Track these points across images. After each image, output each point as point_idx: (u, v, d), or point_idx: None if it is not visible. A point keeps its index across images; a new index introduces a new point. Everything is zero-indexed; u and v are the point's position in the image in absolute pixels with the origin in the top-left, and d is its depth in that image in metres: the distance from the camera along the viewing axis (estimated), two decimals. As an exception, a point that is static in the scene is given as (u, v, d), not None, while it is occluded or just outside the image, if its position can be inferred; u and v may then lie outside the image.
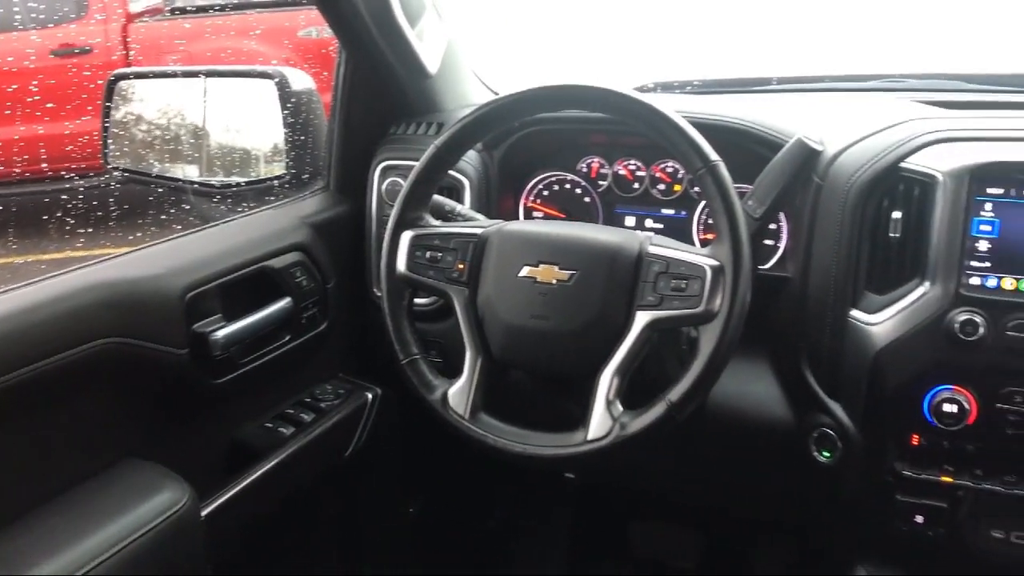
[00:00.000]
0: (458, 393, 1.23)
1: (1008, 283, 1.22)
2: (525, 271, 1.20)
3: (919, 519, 1.31)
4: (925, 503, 1.31)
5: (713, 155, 1.15)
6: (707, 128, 1.22)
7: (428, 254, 1.26)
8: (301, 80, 1.68)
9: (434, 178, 1.30)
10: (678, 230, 1.56)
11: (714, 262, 1.13)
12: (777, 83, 1.79)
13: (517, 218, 1.64)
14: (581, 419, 1.16)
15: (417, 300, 1.46)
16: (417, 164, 1.28)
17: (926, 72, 1.74)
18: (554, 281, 1.19)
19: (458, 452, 1.43)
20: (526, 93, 1.25)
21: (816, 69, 1.87)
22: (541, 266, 1.20)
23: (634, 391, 1.16)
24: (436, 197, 1.40)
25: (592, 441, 1.15)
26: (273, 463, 1.42)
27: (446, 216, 1.42)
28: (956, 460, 1.29)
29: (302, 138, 1.67)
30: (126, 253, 1.34)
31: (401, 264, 1.27)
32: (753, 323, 1.24)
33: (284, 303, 1.45)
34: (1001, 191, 1.22)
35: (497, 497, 2.04)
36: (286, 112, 1.63)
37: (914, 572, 1.41)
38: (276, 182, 1.67)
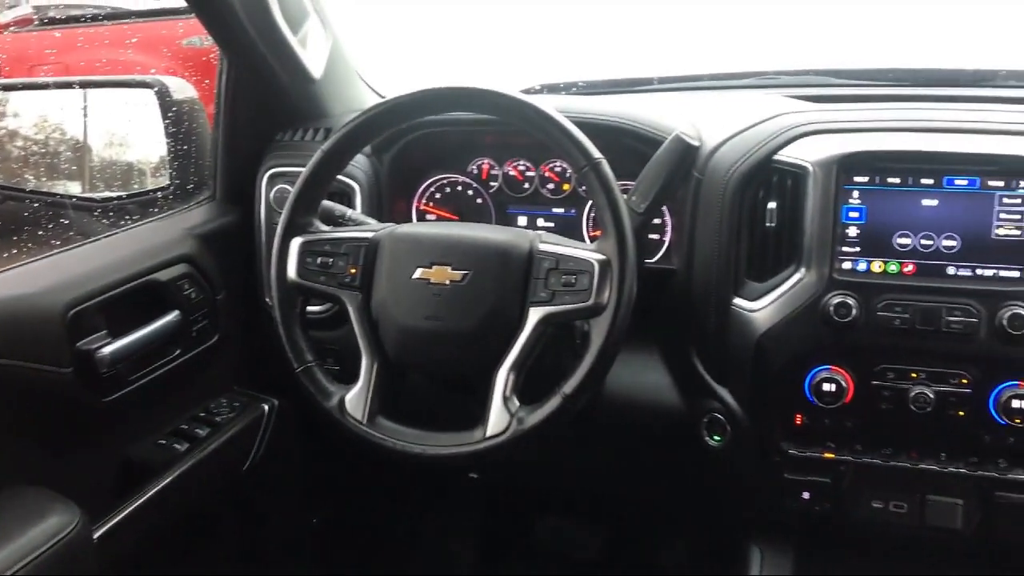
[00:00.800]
0: (355, 398, 1.22)
1: (876, 266, 1.30)
2: (418, 273, 1.21)
3: (806, 495, 1.38)
4: (811, 479, 1.37)
5: (596, 153, 1.18)
6: (590, 127, 1.25)
7: (319, 260, 1.26)
8: (182, 89, 1.65)
9: (322, 183, 1.29)
10: (569, 228, 1.59)
11: (601, 257, 1.16)
12: (658, 83, 1.85)
13: (410, 221, 1.64)
14: (480, 417, 1.17)
15: (311, 308, 1.45)
16: (304, 170, 1.27)
17: (797, 68, 1.82)
18: (447, 282, 1.20)
19: (361, 459, 1.43)
20: (412, 96, 1.25)
21: (695, 68, 1.93)
22: (434, 267, 1.21)
23: (533, 386, 1.18)
24: (326, 202, 1.39)
25: (491, 438, 1.17)
26: (168, 480, 1.38)
27: (336, 221, 1.42)
28: (837, 436, 1.36)
29: (185, 148, 1.63)
30: (2, 272, 1.29)
31: (291, 271, 1.26)
32: (643, 314, 1.28)
33: (172, 316, 1.42)
34: (867, 179, 1.29)
35: (404, 501, 2.03)
36: (167, 122, 1.60)
37: (804, 547, 1.48)
38: (160, 194, 1.63)
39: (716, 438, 1.41)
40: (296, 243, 1.26)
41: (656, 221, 1.52)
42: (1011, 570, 1.40)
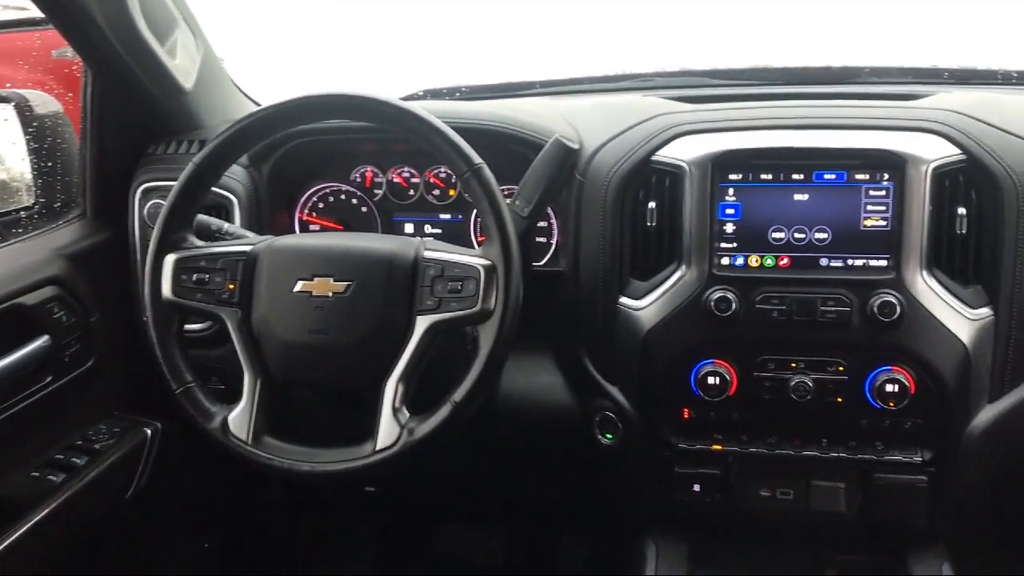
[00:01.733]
0: (239, 418, 1.19)
1: (753, 260, 1.33)
2: (299, 286, 1.18)
3: (696, 488, 1.41)
4: (700, 472, 1.40)
5: (476, 158, 1.18)
6: (471, 132, 1.25)
7: (195, 276, 1.21)
8: (45, 103, 1.57)
9: (196, 197, 1.25)
10: (456, 234, 1.58)
11: (486, 262, 1.16)
12: (540, 86, 1.86)
13: (293, 233, 1.61)
14: (370, 430, 1.15)
15: (192, 326, 1.41)
16: (176, 183, 1.23)
17: (674, 70, 1.86)
18: (330, 294, 1.17)
19: (253, 479, 1.39)
20: (286, 104, 1.22)
21: (576, 72, 1.95)
22: (315, 279, 1.18)
23: (425, 395, 1.17)
24: (201, 217, 1.34)
25: (381, 451, 1.15)
26: (43, 514, 1.31)
27: (213, 236, 1.37)
28: (724, 428, 1.40)
29: (51, 164, 1.55)
30: None
31: (166, 289, 1.21)
32: (534, 317, 1.28)
33: (42, 342, 1.35)
34: (740, 176, 1.33)
35: (300, 519, 1.98)
36: (29, 137, 1.51)
37: (697, 539, 1.50)
38: (24, 213, 1.55)
39: (608, 436, 1.42)
40: (170, 260, 1.22)
41: (542, 224, 1.53)
42: (889, 548, 1.45)
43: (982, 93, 1.48)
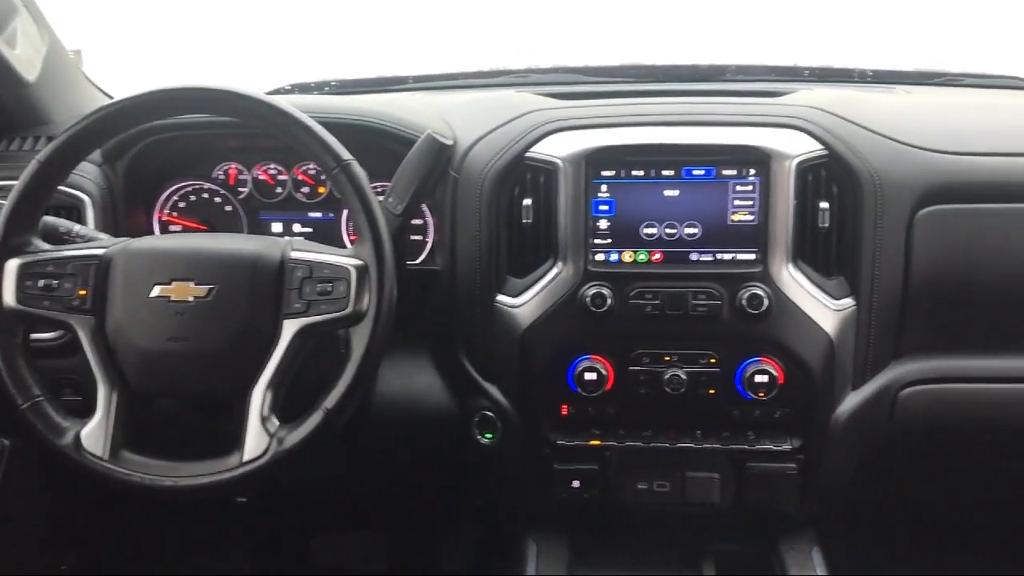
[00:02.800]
0: (93, 433, 1.11)
1: (627, 256, 1.34)
2: (157, 291, 1.12)
3: (576, 484, 1.41)
4: (579, 468, 1.40)
5: (345, 154, 1.14)
6: (340, 127, 1.21)
7: (41, 283, 1.13)
8: None
9: (40, 197, 1.16)
10: (327, 233, 1.53)
11: (358, 262, 1.12)
12: (413, 82, 1.83)
13: (151, 234, 1.52)
14: (237, 441, 1.10)
15: (42, 335, 1.32)
16: (16, 183, 1.14)
17: (547, 67, 1.86)
18: (191, 298, 1.11)
19: (112, 496, 1.31)
20: (140, 97, 1.15)
21: (450, 67, 1.93)
22: (174, 283, 1.12)
23: (296, 403, 1.13)
24: (48, 218, 1.26)
25: (248, 462, 1.10)
26: None
27: (62, 239, 1.28)
28: (601, 424, 1.40)
29: None
30: None
31: (9, 297, 1.13)
32: (411, 318, 1.25)
33: None
34: (613, 173, 1.33)
35: (167, 535, 1.89)
36: None
37: (577, 535, 1.51)
38: None
39: (487, 436, 1.41)
40: (13, 265, 1.13)
41: (418, 222, 1.50)
42: (762, 535, 1.49)
43: (842, 91, 1.54)
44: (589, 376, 1.34)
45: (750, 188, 1.32)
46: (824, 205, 1.32)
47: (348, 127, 1.36)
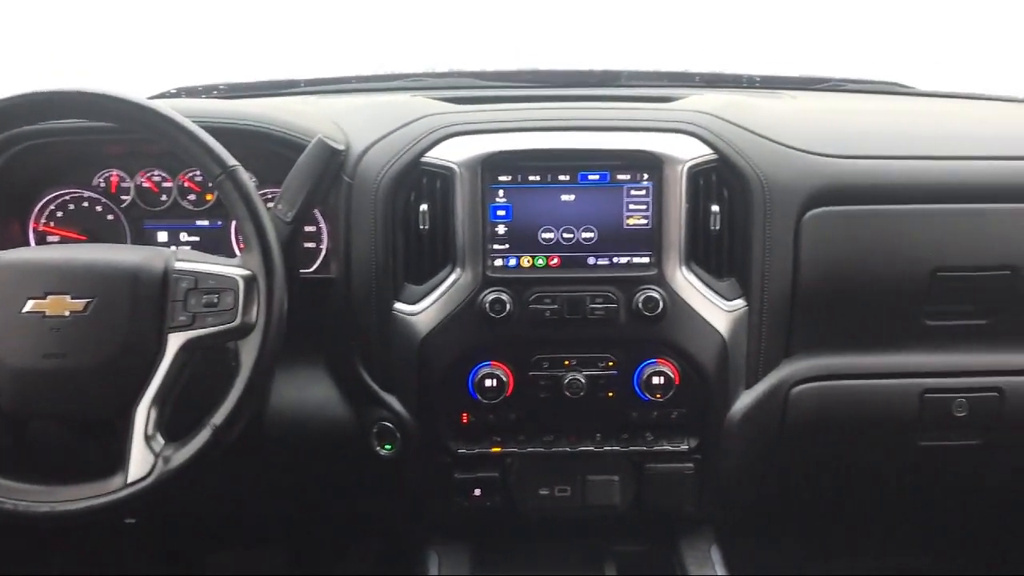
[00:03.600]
0: None
1: (525, 261, 1.34)
2: (30, 305, 1.06)
3: (477, 492, 1.40)
4: (480, 476, 1.40)
5: (230, 160, 1.10)
6: (227, 132, 1.17)
7: None
8: None
9: None
10: (216, 241, 1.48)
11: (245, 272, 1.09)
12: (305, 85, 1.79)
13: (26, 245, 1.44)
14: (120, 461, 1.05)
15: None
16: None
17: (443, 71, 1.85)
18: (67, 313, 1.06)
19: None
20: (7, 101, 1.09)
21: (344, 71, 1.90)
22: (49, 297, 1.07)
23: (183, 419, 1.09)
24: None
25: (133, 483, 1.05)
26: None
27: None
28: (502, 430, 1.39)
29: None
30: None
31: None
32: (304, 328, 1.23)
33: None
34: (510, 178, 1.33)
35: (51, 563, 1.79)
36: None
37: (479, 543, 1.50)
38: None
39: (387, 447, 1.38)
40: None
41: (311, 229, 1.47)
42: (662, 535, 1.51)
43: (731, 96, 1.57)
44: (489, 383, 1.33)
45: (644, 192, 1.33)
46: (715, 208, 1.34)
47: (235, 132, 1.32)
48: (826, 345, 1.42)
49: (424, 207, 1.33)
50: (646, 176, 1.33)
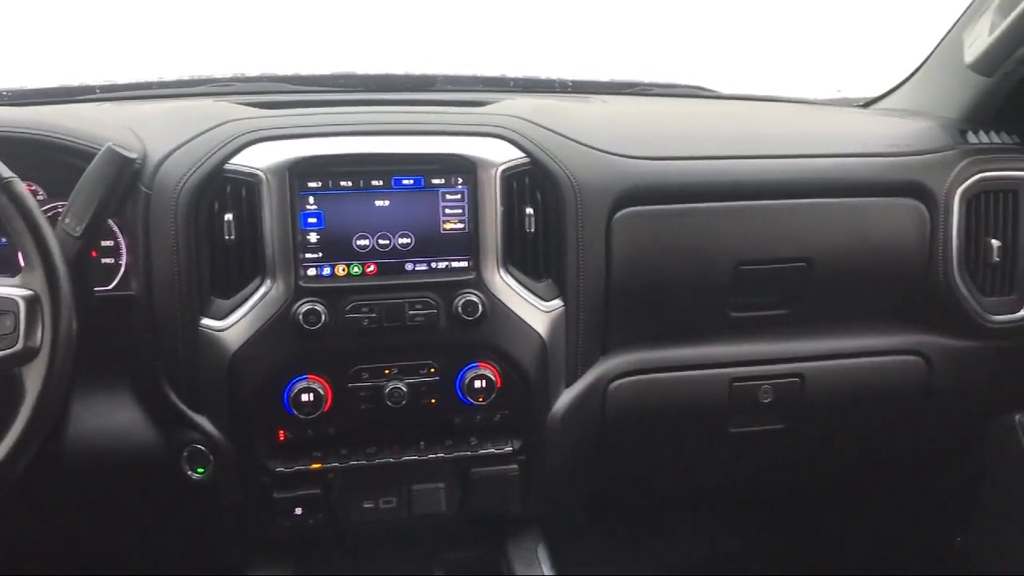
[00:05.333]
0: None
1: (340, 269, 1.30)
2: None
3: (299, 511, 1.35)
4: (301, 494, 1.35)
5: (5, 172, 1.02)
6: (5, 142, 1.07)
7: None
8: None
9: None
10: (2, 260, 1.36)
11: (27, 292, 1.00)
12: (101, 91, 1.67)
13: None
14: None
15: None
16: None
17: (253, 76, 1.78)
18: None
19: None
20: None
21: (146, 75, 1.79)
22: None
23: None
24: None
25: None
26: None
27: None
28: (323, 445, 1.35)
29: None
30: None
31: None
32: (105, 349, 1.15)
33: None
34: (320, 184, 1.29)
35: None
36: None
37: (303, 563, 1.45)
38: None
39: (199, 470, 1.31)
40: None
41: (108, 243, 1.37)
42: (490, 539, 1.51)
43: (543, 100, 1.60)
44: (306, 397, 1.28)
45: (459, 196, 1.33)
46: (529, 211, 1.35)
47: (14, 141, 1.21)
48: (640, 340, 1.47)
49: (229, 217, 1.27)
50: (461, 180, 1.33)
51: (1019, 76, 1.52)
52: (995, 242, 1.52)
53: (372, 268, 1.31)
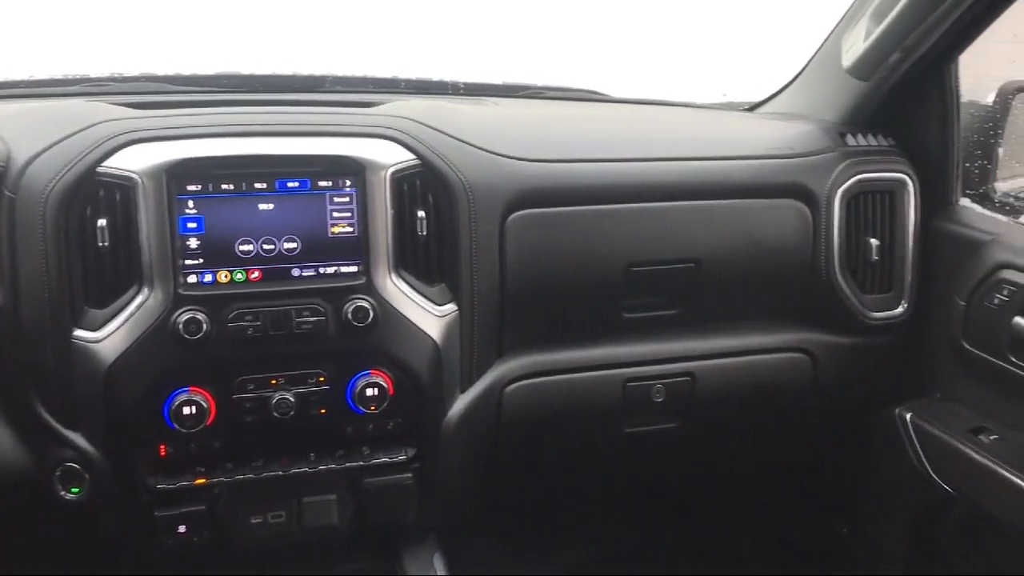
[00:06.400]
0: None
1: (223, 276, 1.25)
2: None
3: (183, 529, 1.29)
4: (184, 511, 1.29)
5: None
6: None
7: None
8: None
9: None
10: None
11: None
12: (-44, 91, 1.57)
13: None
14: None
15: None
16: None
17: (132, 75, 1.70)
18: None
19: None
20: None
21: (10, 74, 1.69)
22: None
23: None
24: None
25: None
26: None
27: None
28: (207, 460, 1.30)
29: None
30: None
31: None
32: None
33: None
34: (200, 187, 1.24)
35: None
36: None
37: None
38: None
39: (74, 490, 1.24)
40: None
41: None
42: (386, 549, 1.48)
43: (434, 102, 1.58)
44: (188, 410, 1.23)
45: (347, 199, 1.30)
46: (421, 214, 1.33)
47: None
48: (535, 343, 1.46)
49: (103, 222, 1.21)
50: (349, 182, 1.29)
51: (894, 80, 1.57)
52: (874, 241, 1.57)
53: (256, 274, 1.27)
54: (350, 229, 1.30)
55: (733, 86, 2.04)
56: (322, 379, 1.30)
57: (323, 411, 1.31)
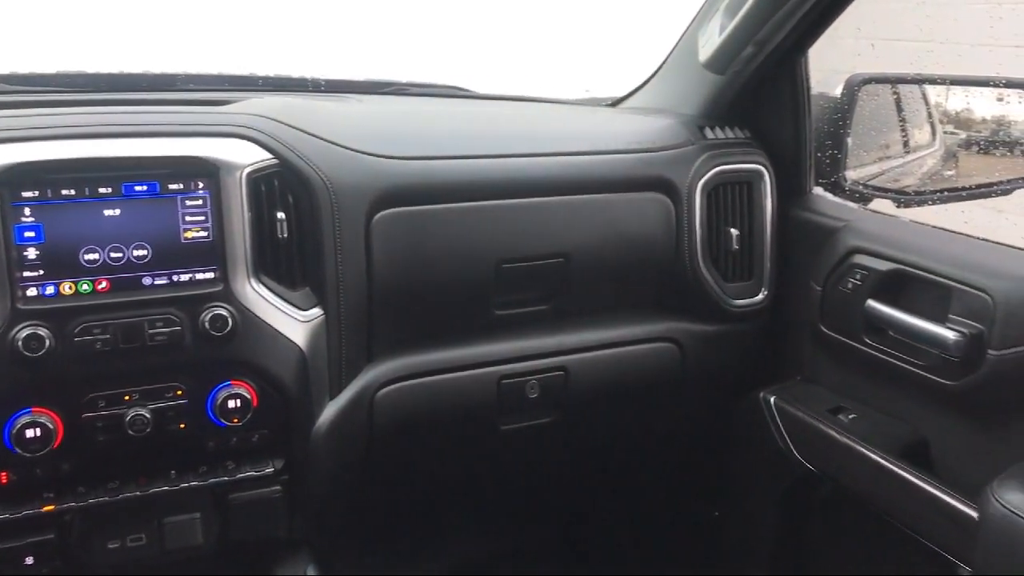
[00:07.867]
0: None
1: (67, 288, 1.17)
2: None
3: (30, 560, 1.20)
4: (31, 542, 1.20)
5: None
6: None
7: None
8: None
9: None
10: None
11: None
12: None
13: None
14: None
15: None
16: None
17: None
18: None
19: None
20: None
21: None
22: None
23: None
24: None
25: None
26: None
27: None
28: (55, 484, 1.21)
29: None
30: None
31: None
32: None
33: None
34: (37, 194, 1.15)
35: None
36: None
37: None
38: None
39: None
40: None
41: None
42: (256, 566, 1.42)
43: (292, 99, 1.52)
44: (31, 433, 1.14)
45: (200, 203, 1.23)
46: (281, 215, 1.28)
47: None
48: (407, 345, 1.43)
49: None
50: (201, 185, 1.23)
51: (748, 74, 1.62)
52: (734, 231, 1.61)
53: (104, 284, 1.19)
54: (204, 234, 1.24)
55: (596, 81, 2.06)
56: (180, 392, 1.24)
57: (182, 426, 1.24)
